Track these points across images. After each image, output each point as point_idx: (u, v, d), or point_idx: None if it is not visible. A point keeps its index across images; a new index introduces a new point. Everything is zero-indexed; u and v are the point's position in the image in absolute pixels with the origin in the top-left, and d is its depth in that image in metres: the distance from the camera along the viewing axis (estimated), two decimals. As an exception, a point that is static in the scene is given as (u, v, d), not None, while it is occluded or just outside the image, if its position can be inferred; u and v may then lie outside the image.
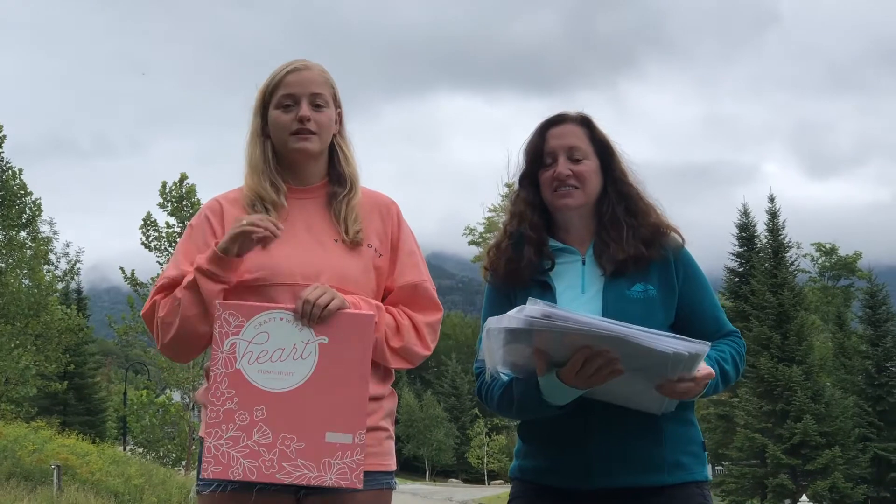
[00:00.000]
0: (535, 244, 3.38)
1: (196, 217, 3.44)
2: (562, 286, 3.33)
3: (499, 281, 3.43)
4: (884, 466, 35.85)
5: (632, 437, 3.21)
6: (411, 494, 38.76)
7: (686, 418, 3.33)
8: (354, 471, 3.02)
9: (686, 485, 3.29)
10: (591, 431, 3.21)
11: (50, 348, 33.51)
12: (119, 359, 79.43)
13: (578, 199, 3.36)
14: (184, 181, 33.71)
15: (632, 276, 3.30)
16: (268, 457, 3.01)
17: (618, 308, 3.23)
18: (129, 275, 33.27)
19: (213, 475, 3.02)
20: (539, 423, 3.29)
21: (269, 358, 3.07)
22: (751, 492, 36.39)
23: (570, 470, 3.24)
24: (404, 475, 71.13)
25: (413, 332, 3.35)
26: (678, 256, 3.38)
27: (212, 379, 3.08)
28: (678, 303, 3.34)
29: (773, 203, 39.31)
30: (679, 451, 3.28)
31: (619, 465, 3.20)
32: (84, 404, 50.60)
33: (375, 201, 3.48)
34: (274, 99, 3.37)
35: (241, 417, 3.04)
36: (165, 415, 36.65)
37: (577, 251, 3.40)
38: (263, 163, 3.38)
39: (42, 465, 20.40)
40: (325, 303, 3.09)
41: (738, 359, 3.34)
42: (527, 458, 3.40)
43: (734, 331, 3.42)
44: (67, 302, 43.69)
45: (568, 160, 3.36)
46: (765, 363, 35.00)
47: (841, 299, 62.64)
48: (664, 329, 3.20)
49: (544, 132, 3.43)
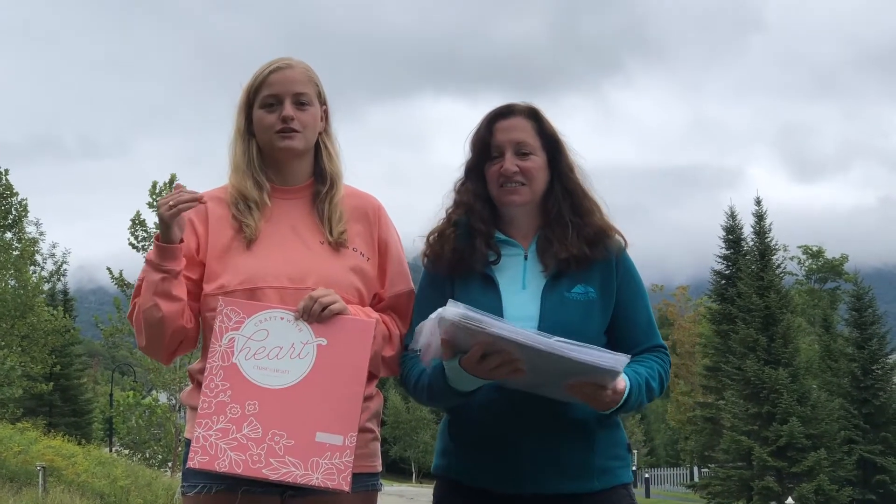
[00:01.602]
0: (485, 236, 3.34)
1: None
2: (503, 280, 3.30)
3: (441, 268, 3.37)
4: (869, 469, 35.90)
5: (563, 443, 3.20)
6: (398, 496, 38.68)
7: (614, 422, 3.33)
8: (342, 472, 3.02)
9: (614, 489, 3.29)
10: (521, 435, 3.18)
11: (36, 349, 33.38)
12: (105, 360, 79.16)
13: (525, 197, 3.33)
14: (173, 181, 33.62)
15: (573, 276, 3.28)
16: (255, 451, 3.01)
17: (556, 309, 3.22)
18: (116, 275, 33.16)
19: (199, 465, 3.02)
20: (468, 423, 3.26)
21: (267, 355, 3.09)
22: (737, 494, 36.39)
23: (498, 473, 3.22)
24: (391, 477, 71.00)
25: (403, 342, 3.37)
26: (619, 259, 3.36)
27: (207, 371, 3.09)
28: (615, 307, 3.31)
29: (759, 206, 39.34)
30: (607, 456, 3.28)
31: (551, 470, 3.19)
32: (70, 405, 50.31)
33: (361, 202, 3.47)
34: (258, 98, 3.36)
35: (233, 410, 3.04)
36: (152, 416, 36.58)
37: (521, 245, 3.37)
38: (247, 161, 3.37)
39: (27, 466, 20.34)
40: (327, 302, 3.10)
41: (664, 376, 3.32)
42: (453, 456, 3.35)
43: (662, 345, 3.40)
44: (54, 303, 43.52)
45: (515, 155, 3.31)
46: (751, 366, 35.01)
47: (827, 302, 62.72)
48: (600, 333, 3.26)
49: (492, 124, 3.37)
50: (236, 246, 3.29)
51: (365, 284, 3.35)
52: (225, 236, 3.31)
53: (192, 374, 3.33)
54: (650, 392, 3.21)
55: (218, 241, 3.31)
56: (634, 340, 3.31)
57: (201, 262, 3.31)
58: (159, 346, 3.27)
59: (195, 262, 3.30)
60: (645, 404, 3.26)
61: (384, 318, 3.35)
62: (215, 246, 3.30)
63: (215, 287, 3.25)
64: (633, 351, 3.24)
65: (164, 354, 3.32)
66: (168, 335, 3.23)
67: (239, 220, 3.31)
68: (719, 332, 40.56)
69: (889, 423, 36.66)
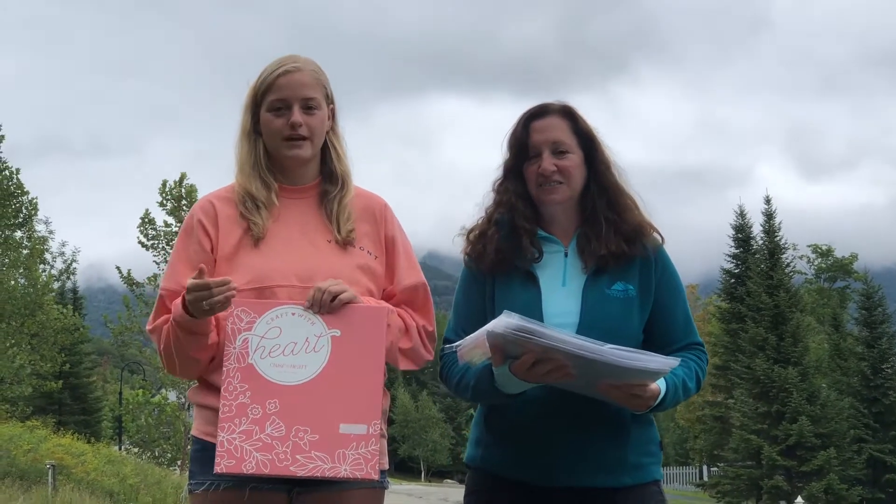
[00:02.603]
0: (529, 234, 3.38)
1: (188, 219, 3.41)
2: (544, 277, 3.35)
3: (482, 267, 3.42)
4: (879, 468, 35.83)
5: (599, 438, 3.24)
6: (406, 495, 38.75)
7: (648, 419, 3.38)
8: (370, 461, 3.02)
9: (646, 485, 3.33)
10: (557, 429, 3.23)
11: (45, 348, 33.40)
12: (115, 358, 79.30)
13: (563, 195, 3.37)
14: (183, 181, 33.61)
15: (613, 273, 3.32)
16: (281, 450, 3.01)
17: (596, 306, 3.27)
18: (125, 274, 33.17)
19: (226, 469, 3.02)
20: (505, 416, 3.30)
21: (282, 352, 3.09)
22: (746, 493, 36.36)
23: (533, 466, 3.27)
24: (399, 476, 71.06)
25: (420, 334, 3.38)
26: (658, 256, 3.40)
27: (224, 374, 3.09)
28: (653, 304, 3.35)
29: (769, 204, 39.32)
30: (640, 453, 3.33)
31: (583, 465, 3.24)
32: (79, 404, 50.45)
33: (368, 202, 3.47)
34: (265, 101, 3.35)
35: (254, 411, 3.04)
36: (161, 414, 36.60)
37: (561, 243, 3.41)
38: (254, 161, 3.37)
39: (37, 464, 20.37)
40: (336, 291, 3.10)
41: (700, 374, 3.36)
42: (488, 447, 3.40)
43: (699, 343, 3.44)
44: (63, 301, 43.62)
45: (552, 155, 3.35)
46: (760, 364, 34.97)
47: (837, 301, 62.52)
48: (639, 330, 3.31)
49: (527, 124, 3.42)
50: (245, 245, 3.29)
51: (374, 282, 3.34)
52: (234, 236, 3.30)
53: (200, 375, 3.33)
54: (686, 391, 3.27)
55: (227, 240, 3.30)
56: (672, 338, 3.37)
57: (215, 261, 3.31)
58: (198, 370, 3.29)
59: (211, 263, 3.29)
60: (681, 401, 3.31)
61: (399, 311, 3.34)
62: (225, 246, 3.30)
63: None
64: (671, 348, 3.32)
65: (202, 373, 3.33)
66: (207, 359, 3.26)
67: (247, 219, 3.31)
68: (729, 331, 40.51)
69: (899, 422, 36.57)
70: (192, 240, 3.34)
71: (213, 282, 3.03)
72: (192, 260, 3.27)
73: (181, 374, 3.29)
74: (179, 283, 3.22)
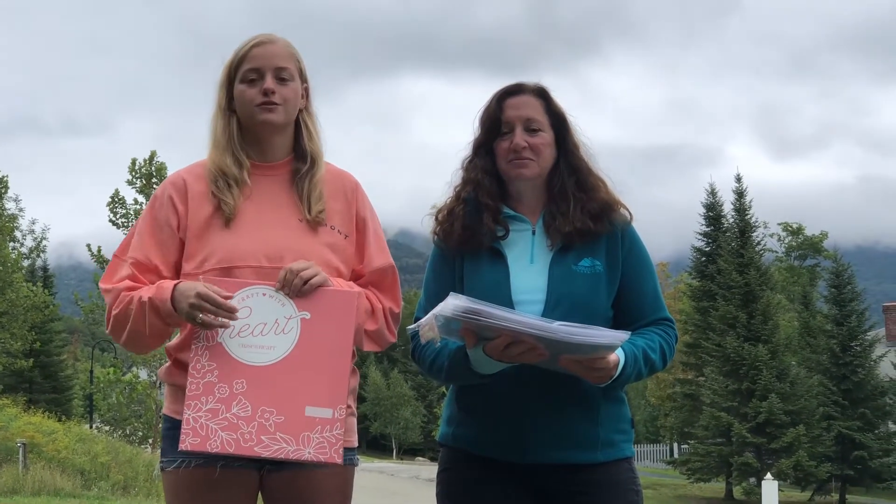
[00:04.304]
0: (493, 212, 3.40)
1: (159, 191, 3.40)
2: (512, 255, 3.37)
3: (450, 245, 3.44)
4: (847, 445, 36.08)
5: (568, 415, 3.27)
6: (378, 473, 38.74)
7: (619, 396, 3.41)
8: (334, 445, 3.04)
9: (617, 462, 3.36)
10: (528, 406, 3.26)
11: (15, 326, 33.30)
12: (85, 336, 78.83)
13: (533, 171, 3.39)
14: (153, 159, 33.46)
15: (580, 249, 3.35)
16: (246, 430, 3.02)
17: (563, 282, 3.29)
18: (95, 252, 33.03)
19: (190, 447, 3.02)
20: (476, 393, 3.32)
21: (251, 332, 3.09)
22: (716, 470, 36.56)
23: (505, 442, 3.30)
24: (371, 454, 71.16)
25: (386, 316, 3.39)
26: (625, 233, 3.42)
27: (193, 352, 3.09)
28: (620, 279, 3.38)
29: (739, 183, 39.36)
30: (612, 430, 3.36)
31: (555, 441, 3.27)
32: (50, 382, 50.21)
33: (340, 181, 3.47)
34: (239, 73, 3.35)
35: (221, 390, 3.04)
36: (132, 393, 36.45)
37: (528, 220, 3.43)
38: (227, 138, 3.36)
39: (8, 442, 20.32)
40: (308, 276, 3.10)
41: (666, 349, 3.38)
42: (460, 425, 3.43)
43: (668, 318, 3.46)
44: (33, 279, 43.43)
45: (524, 131, 3.38)
46: (731, 342, 35.12)
47: (807, 279, 62.94)
48: (607, 305, 3.34)
49: (501, 101, 3.44)
50: (215, 224, 3.28)
51: (343, 262, 3.35)
52: (204, 213, 3.30)
53: (170, 351, 3.32)
54: (649, 363, 3.28)
55: (197, 218, 3.29)
56: (640, 312, 3.40)
57: (181, 239, 3.30)
58: (142, 350, 3.37)
59: (176, 240, 3.30)
60: (645, 375, 3.32)
61: (366, 293, 3.35)
62: (194, 223, 3.29)
63: (194, 266, 3.24)
64: (639, 323, 3.36)
65: (145, 353, 3.36)
66: (156, 345, 3.29)
67: (217, 198, 3.31)
68: (699, 309, 40.64)
69: (867, 400, 36.85)
70: (161, 213, 3.33)
71: (224, 305, 3.05)
72: (159, 234, 3.29)
73: (124, 344, 3.29)
74: (148, 257, 3.24)
